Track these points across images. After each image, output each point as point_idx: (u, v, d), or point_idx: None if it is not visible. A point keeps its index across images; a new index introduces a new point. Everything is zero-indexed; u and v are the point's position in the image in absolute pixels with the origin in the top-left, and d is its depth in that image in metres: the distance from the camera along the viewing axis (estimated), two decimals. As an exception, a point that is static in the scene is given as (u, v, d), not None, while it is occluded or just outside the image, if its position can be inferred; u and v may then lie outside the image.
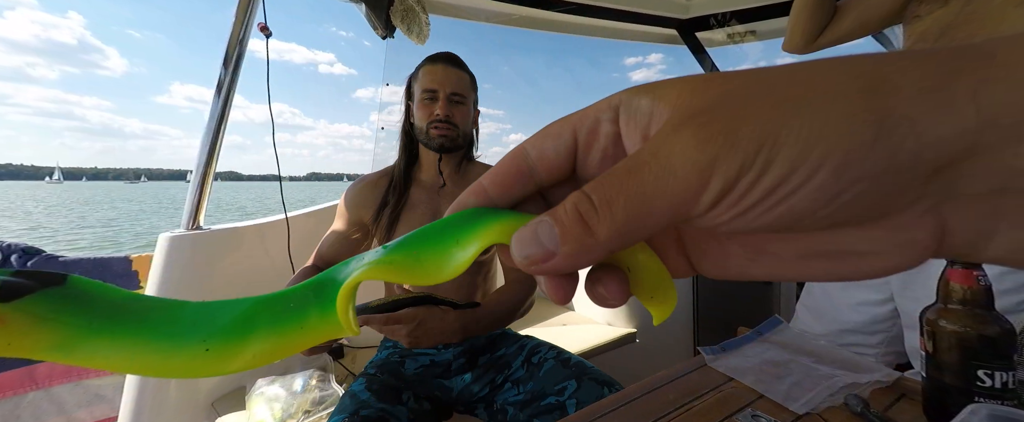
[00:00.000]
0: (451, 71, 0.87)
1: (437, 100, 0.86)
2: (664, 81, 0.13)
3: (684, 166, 0.11)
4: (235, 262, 1.17)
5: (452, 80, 0.87)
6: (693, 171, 0.11)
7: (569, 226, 0.12)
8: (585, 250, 0.12)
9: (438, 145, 0.87)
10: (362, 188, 0.92)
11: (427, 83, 0.86)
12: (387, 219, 0.87)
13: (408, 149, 0.94)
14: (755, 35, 2.11)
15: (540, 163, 0.15)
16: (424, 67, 0.88)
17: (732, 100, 0.11)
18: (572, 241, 0.12)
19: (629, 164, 0.12)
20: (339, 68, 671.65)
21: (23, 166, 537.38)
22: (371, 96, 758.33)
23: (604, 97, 0.14)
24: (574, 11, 1.90)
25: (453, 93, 0.87)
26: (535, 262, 0.13)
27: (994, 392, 0.42)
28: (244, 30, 1.08)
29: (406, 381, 0.83)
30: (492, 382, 0.87)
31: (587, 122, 0.14)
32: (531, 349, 0.89)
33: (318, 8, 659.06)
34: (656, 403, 0.54)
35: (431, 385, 0.85)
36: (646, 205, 0.11)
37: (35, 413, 1.05)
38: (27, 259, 1.05)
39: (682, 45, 2.19)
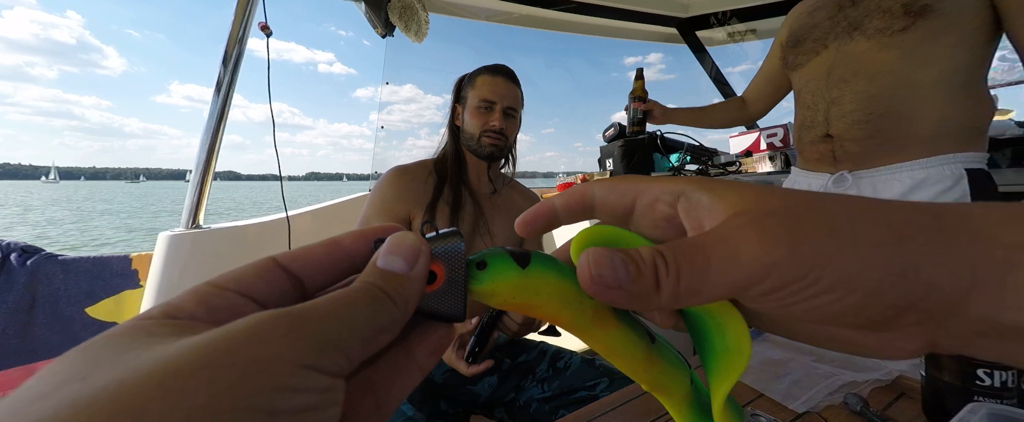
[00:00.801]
0: (511, 86, 0.90)
1: (493, 111, 0.88)
2: (722, 182, 0.16)
3: (749, 260, 0.13)
4: (235, 261, 1.17)
5: (511, 95, 0.90)
6: (756, 267, 0.13)
7: (644, 272, 0.14)
8: (644, 298, 0.14)
9: (488, 154, 0.89)
10: (407, 181, 0.88)
11: (486, 93, 0.88)
12: (448, 217, 0.86)
13: (456, 150, 0.93)
14: (755, 34, 2.10)
15: (600, 206, 0.18)
16: (483, 76, 0.90)
17: (794, 216, 0.14)
18: (640, 286, 0.14)
19: (700, 242, 0.14)
20: (339, 67, 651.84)
21: (21, 166, 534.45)
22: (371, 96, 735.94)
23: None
24: (574, 10, 1.90)
25: (508, 107, 0.89)
26: (604, 285, 0.14)
27: (993, 391, 0.42)
28: (243, 29, 1.08)
29: (437, 387, 0.83)
30: (517, 386, 0.87)
31: (648, 196, 0.17)
32: (553, 354, 0.90)
33: (317, 7, 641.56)
34: (656, 402, 0.54)
35: (459, 390, 0.84)
36: (708, 280, 0.14)
37: (35, 412, 1.05)
38: (26, 257, 1.05)
39: (682, 44, 2.19)
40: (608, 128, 1.81)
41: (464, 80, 0.93)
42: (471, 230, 0.87)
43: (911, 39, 0.72)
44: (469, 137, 0.89)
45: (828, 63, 0.82)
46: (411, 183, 0.87)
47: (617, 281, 0.14)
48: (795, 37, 0.89)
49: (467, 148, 0.90)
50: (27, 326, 1.05)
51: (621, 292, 0.14)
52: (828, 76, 0.81)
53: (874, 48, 0.76)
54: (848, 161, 0.82)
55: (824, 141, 0.83)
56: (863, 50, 0.77)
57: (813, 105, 0.84)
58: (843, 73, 0.79)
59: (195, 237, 1.10)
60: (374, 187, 0.88)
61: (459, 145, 0.92)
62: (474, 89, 0.89)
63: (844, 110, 0.79)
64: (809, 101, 0.85)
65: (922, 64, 0.73)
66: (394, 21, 1.58)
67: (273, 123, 1.16)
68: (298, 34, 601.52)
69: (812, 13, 0.88)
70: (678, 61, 20.09)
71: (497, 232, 0.91)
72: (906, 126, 0.75)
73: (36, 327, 1.06)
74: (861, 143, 0.79)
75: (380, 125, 2.03)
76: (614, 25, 2.08)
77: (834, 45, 0.81)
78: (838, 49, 0.80)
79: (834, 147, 0.82)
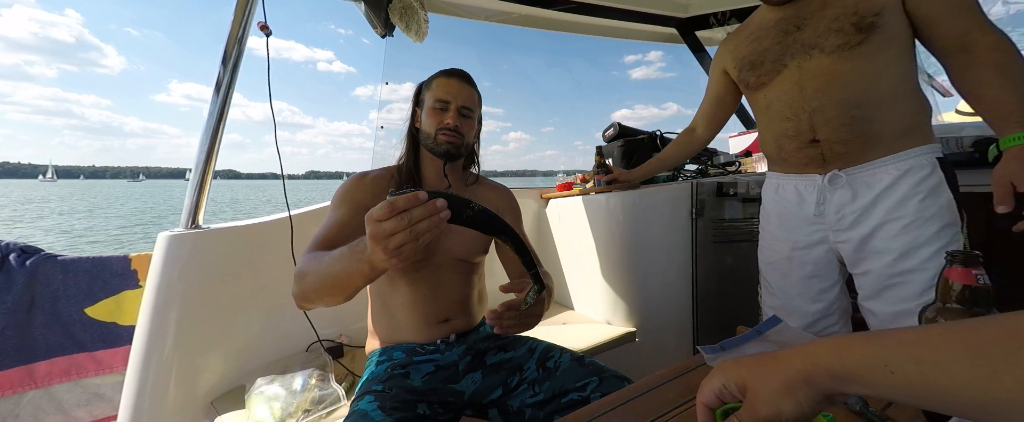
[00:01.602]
0: (464, 86, 0.93)
1: (448, 110, 0.91)
2: (734, 368, 0.37)
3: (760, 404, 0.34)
4: (235, 261, 1.17)
5: (464, 94, 0.92)
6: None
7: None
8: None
9: (444, 151, 0.91)
10: (367, 184, 0.91)
11: (441, 94, 0.91)
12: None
13: (413, 151, 0.96)
14: (755, 34, 2.10)
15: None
16: (439, 79, 0.93)
17: (752, 380, 0.35)
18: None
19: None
20: (338, 66, 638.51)
21: (20, 164, 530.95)
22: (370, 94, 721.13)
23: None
24: (574, 10, 1.90)
25: (463, 106, 0.92)
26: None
27: (993, 391, 0.42)
28: (243, 28, 1.08)
29: (417, 392, 0.81)
30: (505, 385, 0.87)
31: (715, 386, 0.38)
32: (542, 352, 0.90)
33: (317, 6, 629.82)
34: (656, 402, 0.54)
35: (442, 391, 0.84)
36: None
37: (34, 412, 1.05)
38: (25, 258, 1.05)
39: (682, 44, 2.19)
40: (608, 128, 1.81)
41: (422, 85, 0.97)
42: None
43: (866, 51, 0.82)
44: (426, 136, 0.92)
45: (795, 78, 0.90)
46: (374, 183, 0.90)
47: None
48: (749, 62, 0.98)
49: (425, 147, 0.93)
50: (26, 326, 1.05)
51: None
52: (801, 89, 0.89)
53: (837, 61, 0.85)
54: (837, 161, 0.89)
55: (811, 146, 0.90)
56: (828, 64, 0.86)
57: (793, 116, 0.91)
58: (817, 85, 0.87)
59: (195, 237, 1.10)
60: (336, 193, 0.89)
61: (418, 147, 0.96)
62: (430, 91, 0.93)
63: (828, 116, 0.87)
64: (787, 113, 0.92)
65: (881, 71, 0.83)
66: (394, 21, 1.58)
67: (275, 123, 1.15)
68: (297, 32, 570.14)
69: (756, 40, 0.98)
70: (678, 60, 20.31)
71: (464, 230, 0.91)
72: (880, 125, 0.84)
73: (35, 327, 1.06)
74: (848, 143, 0.86)
75: (380, 124, 2.03)
76: (614, 25, 2.08)
77: (794, 64, 0.90)
78: (800, 66, 0.89)
79: (823, 150, 0.89)
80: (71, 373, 1.10)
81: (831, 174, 0.89)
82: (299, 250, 1.18)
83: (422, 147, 0.94)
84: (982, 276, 0.44)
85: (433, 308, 0.90)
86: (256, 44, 1.13)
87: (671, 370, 0.62)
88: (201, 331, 1.11)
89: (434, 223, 0.50)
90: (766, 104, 0.97)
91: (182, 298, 1.08)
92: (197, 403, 1.10)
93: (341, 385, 1.04)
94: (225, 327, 1.15)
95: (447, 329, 0.90)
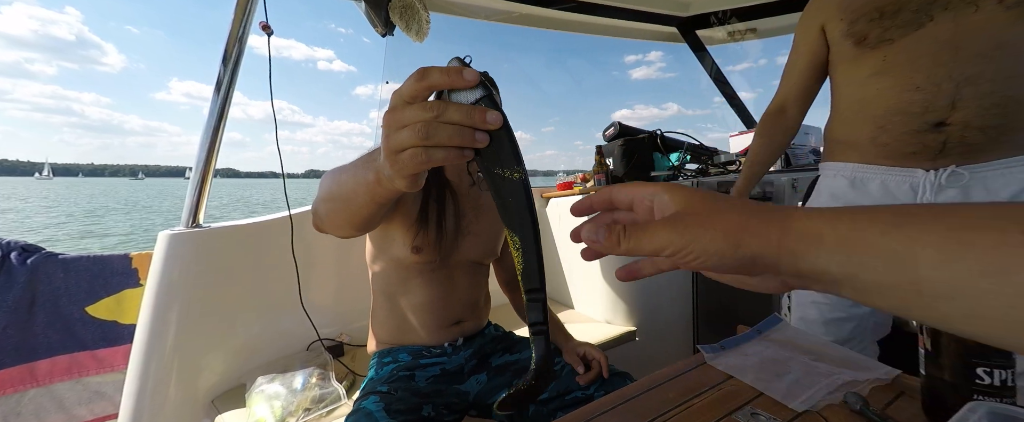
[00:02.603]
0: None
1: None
2: (679, 188, 0.28)
3: (657, 235, 0.26)
4: (236, 260, 1.17)
5: None
6: (664, 241, 0.26)
7: (611, 235, 0.27)
8: (611, 249, 0.28)
9: None
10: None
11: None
12: (435, 204, 0.84)
13: None
14: (755, 33, 2.10)
15: (618, 202, 0.31)
16: None
17: (692, 215, 0.26)
18: (608, 242, 0.28)
19: (645, 225, 0.27)
20: (338, 65, 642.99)
21: (19, 162, 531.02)
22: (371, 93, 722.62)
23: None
24: (574, 9, 1.90)
25: None
26: (591, 243, 0.29)
27: (993, 390, 0.42)
28: (243, 27, 1.08)
29: (422, 394, 0.81)
30: (511, 386, 0.87)
31: (639, 197, 0.30)
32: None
33: (317, 4, 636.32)
34: (656, 401, 0.54)
35: (447, 393, 0.84)
36: (640, 245, 0.27)
37: (36, 410, 1.05)
38: (26, 256, 1.05)
39: (683, 43, 2.19)
40: (608, 127, 1.81)
41: None
42: (454, 229, 0.87)
43: None
44: None
45: (944, 36, 0.70)
46: None
47: (597, 238, 0.28)
48: (876, 9, 0.76)
49: None
50: (27, 325, 1.05)
51: (601, 246, 0.28)
52: (954, 51, 0.69)
53: (1014, 19, 0.65)
54: (959, 153, 0.71)
55: (934, 130, 0.72)
56: (1003, 21, 0.66)
57: (928, 85, 0.71)
58: (978, 48, 0.67)
59: (195, 236, 1.10)
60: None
61: None
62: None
63: (981, 90, 0.68)
64: (918, 81, 0.72)
65: None
66: (395, 20, 1.58)
67: (276, 122, 1.15)
68: (297, 31, 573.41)
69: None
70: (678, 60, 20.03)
71: (481, 231, 0.91)
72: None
73: (36, 326, 1.06)
74: (987, 132, 0.69)
75: (380, 124, 2.03)
76: (614, 24, 2.07)
77: (946, 16, 0.69)
78: (955, 20, 0.69)
79: (947, 137, 0.71)
80: (72, 371, 1.10)
81: (950, 170, 0.72)
82: (299, 249, 1.19)
83: None
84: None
85: (445, 311, 0.89)
86: (256, 43, 1.13)
87: (671, 370, 0.62)
88: (202, 330, 1.11)
89: (460, 136, 0.32)
90: (881, 68, 0.77)
91: (183, 297, 1.08)
92: (198, 401, 1.10)
93: (342, 384, 1.04)
94: (226, 326, 1.16)
95: (457, 332, 0.90)
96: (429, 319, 0.88)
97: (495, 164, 0.33)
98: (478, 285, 0.95)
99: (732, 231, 0.24)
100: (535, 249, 0.33)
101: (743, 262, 0.24)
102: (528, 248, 0.33)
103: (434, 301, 0.88)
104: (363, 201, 0.47)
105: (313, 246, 1.26)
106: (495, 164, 0.33)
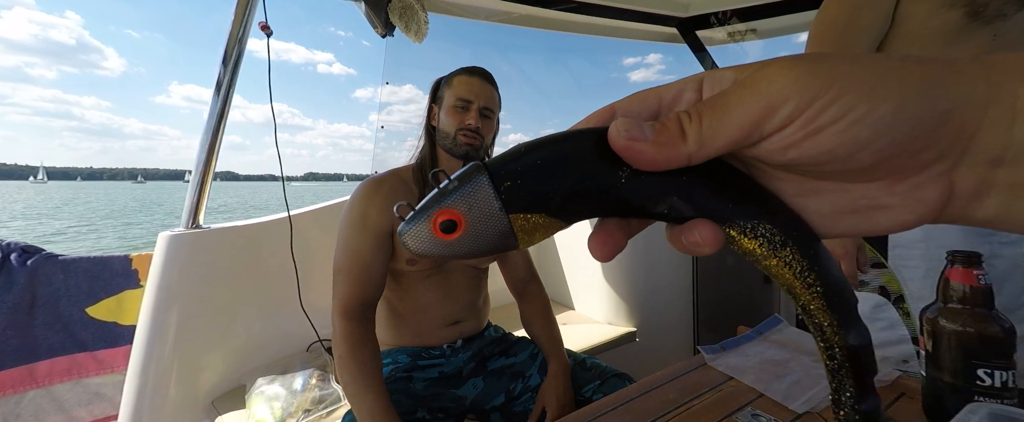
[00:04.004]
0: (487, 86, 0.89)
1: (470, 110, 0.87)
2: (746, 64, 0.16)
3: (768, 87, 0.14)
4: (236, 261, 1.17)
5: (486, 94, 0.89)
6: (776, 90, 0.14)
7: (669, 125, 0.15)
8: (671, 146, 0.15)
9: (464, 152, 0.87)
10: (385, 193, 0.84)
11: (462, 92, 0.87)
12: None
13: (432, 152, 0.91)
14: (756, 33, 2.10)
15: (624, 114, 0.18)
16: (460, 76, 0.89)
17: (812, 55, 0.14)
18: (665, 136, 0.15)
19: (722, 92, 0.15)
20: (338, 68, 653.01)
21: (17, 166, 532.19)
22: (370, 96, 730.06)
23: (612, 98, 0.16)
24: (574, 9, 1.90)
25: (485, 106, 0.88)
26: (632, 138, 0.15)
27: (994, 391, 0.42)
28: (243, 29, 1.08)
29: (418, 397, 0.81)
30: (508, 391, 0.87)
31: (672, 92, 0.18)
32: (544, 357, 0.91)
33: (316, 7, 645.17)
34: (656, 402, 0.54)
35: (443, 397, 0.84)
36: (728, 116, 0.14)
37: (35, 412, 1.05)
38: (26, 257, 1.05)
39: (682, 44, 2.19)
40: (608, 128, 1.81)
41: (441, 81, 0.92)
42: None
43: None
44: (445, 136, 0.87)
45: None
46: (390, 195, 0.83)
47: (643, 134, 0.15)
48: None
49: (442, 147, 0.88)
50: (27, 326, 1.05)
51: (649, 145, 0.15)
52: None
53: None
54: None
55: None
56: None
57: None
58: None
59: (195, 237, 1.10)
60: (350, 203, 0.82)
61: (434, 146, 0.91)
62: (451, 89, 0.88)
63: None
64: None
65: None
66: (394, 21, 1.58)
67: (275, 123, 1.16)
68: (297, 34, 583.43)
69: None
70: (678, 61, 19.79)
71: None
72: None
73: (36, 327, 1.06)
74: None
75: (380, 125, 2.03)
76: (614, 25, 2.07)
77: None
78: None
79: None
80: (72, 373, 1.10)
81: None
82: (299, 250, 1.19)
83: (438, 146, 0.89)
84: (983, 276, 0.44)
85: (443, 312, 0.89)
86: (256, 46, 1.13)
87: (671, 370, 0.62)
88: (202, 331, 1.11)
89: None
90: (990, 47, 0.68)
91: (183, 298, 1.08)
92: (198, 403, 1.10)
93: (341, 385, 1.04)
94: (225, 327, 1.16)
95: (455, 332, 0.90)
96: (427, 320, 0.88)
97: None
98: (476, 287, 0.95)
99: (912, 68, 0.14)
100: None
101: (927, 119, 0.13)
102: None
103: (432, 303, 0.88)
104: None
105: (313, 247, 1.26)
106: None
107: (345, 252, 0.79)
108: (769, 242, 0.16)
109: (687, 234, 0.17)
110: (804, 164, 0.15)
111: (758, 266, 0.17)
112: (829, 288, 0.16)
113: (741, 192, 0.17)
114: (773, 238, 0.16)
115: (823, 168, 0.15)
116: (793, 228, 0.16)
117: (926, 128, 0.13)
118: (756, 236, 0.16)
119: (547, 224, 0.16)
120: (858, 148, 0.14)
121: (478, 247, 0.16)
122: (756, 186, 0.17)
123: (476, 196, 0.16)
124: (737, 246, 0.17)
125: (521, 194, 0.16)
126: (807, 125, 0.14)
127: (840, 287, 0.16)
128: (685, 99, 0.17)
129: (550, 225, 0.17)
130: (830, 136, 0.14)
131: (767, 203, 0.16)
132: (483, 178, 0.16)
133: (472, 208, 0.16)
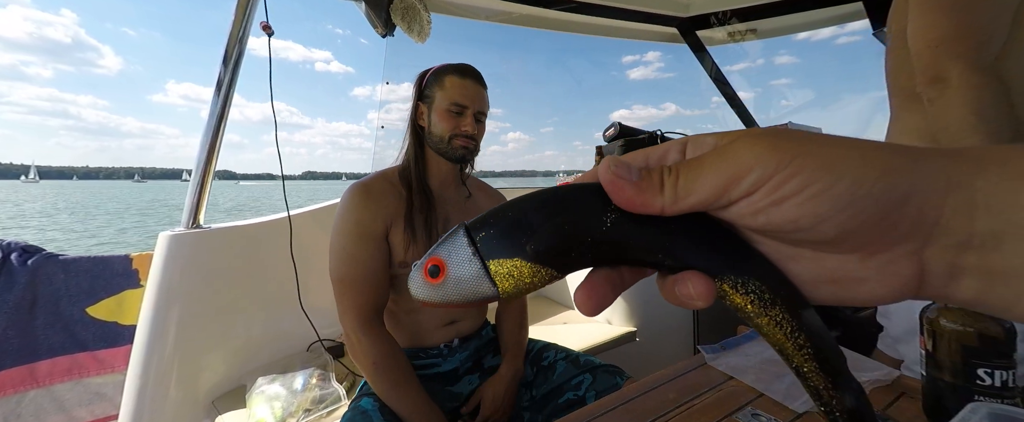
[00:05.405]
0: (481, 90, 0.87)
1: (465, 116, 0.85)
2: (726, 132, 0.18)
3: (735, 156, 0.16)
4: (236, 261, 1.17)
5: (480, 99, 0.87)
6: (742, 160, 0.15)
7: (652, 175, 0.17)
8: (650, 193, 0.17)
9: (460, 157, 0.86)
10: (375, 197, 0.82)
11: (457, 96, 0.84)
12: (424, 226, 0.82)
13: (419, 153, 0.88)
14: (756, 33, 2.10)
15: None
16: (452, 77, 0.85)
17: (780, 131, 0.16)
18: (647, 183, 0.17)
19: (699, 156, 0.17)
20: (336, 66, 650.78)
21: (12, 165, 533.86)
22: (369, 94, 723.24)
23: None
24: (575, 10, 1.90)
25: (479, 111, 0.87)
26: (618, 177, 0.17)
27: (994, 391, 0.42)
28: (244, 28, 1.08)
29: None
30: None
31: (658, 152, 0.19)
32: (537, 352, 0.91)
33: (315, 6, 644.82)
34: (656, 402, 0.54)
35: (440, 395, 0.84)
36: (701, 177, 0.16)
37: (36, 411, 1.05)
38: (27, 257, 1.06)
39: (683, 44, 2.19)
40: (608, 127, 1.81)
41: (427, 77, 0.88)
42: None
43: None
44: (438, 139, 0.85)
45: None
46: (380, 199, 0.82)
47: (629, 174, 0.17)
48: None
49: (436, 150, 0.86)
50: (28, 325, 1.05)
51: (631, 186, 0.17)
52: None
53: None
54: None
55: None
56: None
57: None
58: None
59: (195, 237, 1.10)
60: (341, 211, 0.81)
61: (423, 146, 0.88)
62: (442, 90, 0.85)
63: None
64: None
65: None
66: (396, 21, 1.58)
67: (275, 123, 1.15)
68: (296, 33, 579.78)
69: None
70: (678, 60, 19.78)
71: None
72: None
73: (37, 327, 1.06)
74: None
75: (380, 124, 2.03)
76: (614, 25, 2.07)
77: None
78: None
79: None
80: (72, 372, 1.10)
81: None
82: (299, 250, 1.19)
83: (428, 147, 0.87)
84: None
85: (440, 311, 0.89)
86: (254, 44, 1.13)
87: (671, 370, 0.62)
88: (202, 330, 1.11)
89: None
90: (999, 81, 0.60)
91: (183, 298, 1.08)
92: (198, 402, 1.10)
93: (342, 385, 1.04)
94: (226, 326, 1.16)
95: (452, 332, 0.90)
96: (425, 320, 0.88)
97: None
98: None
99: (871, 152, 0.14)
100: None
101: (885, 200, 0.14)
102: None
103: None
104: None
105: (312, 247, 1.26)
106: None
107: (348, 262, 0.78)
108: (759, 298, 0.17)
109: (680, 285, 0.17)
110: (775, 230, 0.16)
111: (751, 324, 0.18)
112: (820, 350, 0.17)
113: (733, 247, 0.17)
114: (763, 295, 0.17)
115: (794, 236, 0.16)
116: (782, 287, 0.17)
117: (885, 208, 0.14)
118: (747, 292, 0.17)
119: (533, 272, 0.17)
120: (819, 220, 0.15)
121: (461, 292, 0.18)
122: (747, 245, 0.18)
123: (454, 244, 0.18)
124: (729, 301, 0.18)
125: (493, 241, 0.17)
126: (771, 194, 0.15)
127: (830, 347, 0.17)
128: (671, 158, 0.19)
129: (536, 273, 0.18)
130: (792, 207, 0.15)
131: (757, 260, 0.17)
132: (461, 230, 0.18)
133: (451, 254, 0.18)
